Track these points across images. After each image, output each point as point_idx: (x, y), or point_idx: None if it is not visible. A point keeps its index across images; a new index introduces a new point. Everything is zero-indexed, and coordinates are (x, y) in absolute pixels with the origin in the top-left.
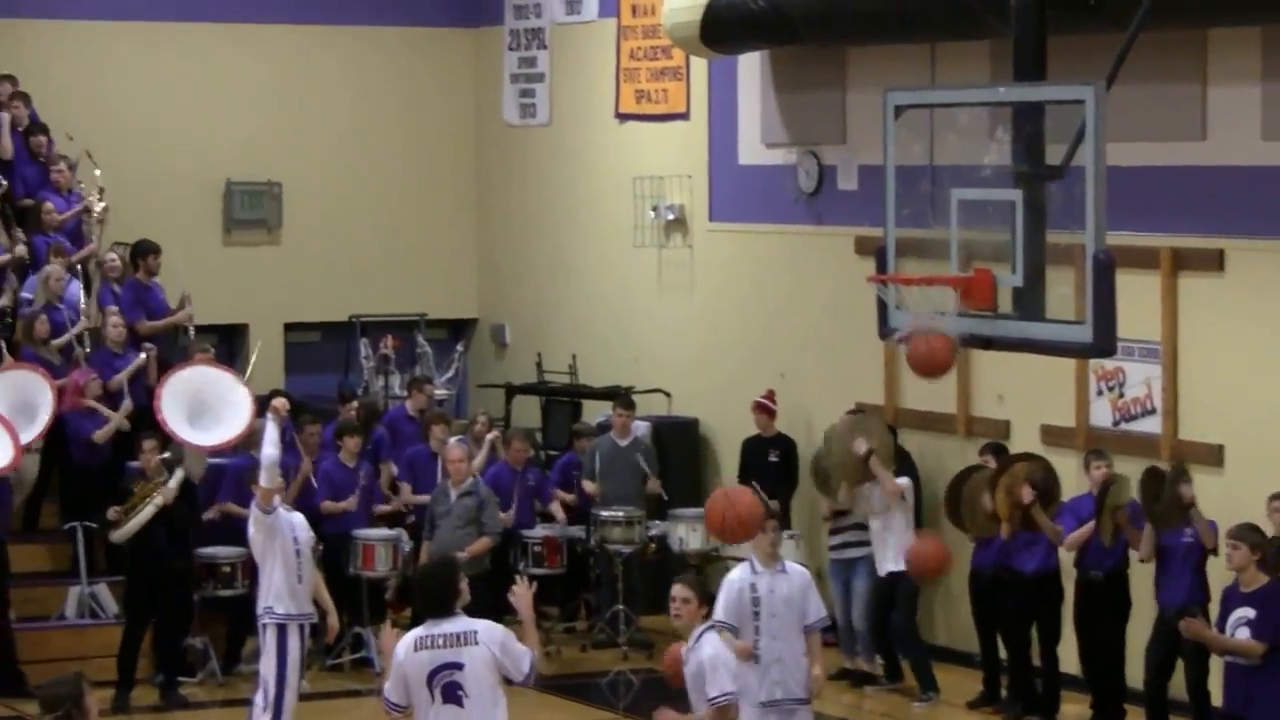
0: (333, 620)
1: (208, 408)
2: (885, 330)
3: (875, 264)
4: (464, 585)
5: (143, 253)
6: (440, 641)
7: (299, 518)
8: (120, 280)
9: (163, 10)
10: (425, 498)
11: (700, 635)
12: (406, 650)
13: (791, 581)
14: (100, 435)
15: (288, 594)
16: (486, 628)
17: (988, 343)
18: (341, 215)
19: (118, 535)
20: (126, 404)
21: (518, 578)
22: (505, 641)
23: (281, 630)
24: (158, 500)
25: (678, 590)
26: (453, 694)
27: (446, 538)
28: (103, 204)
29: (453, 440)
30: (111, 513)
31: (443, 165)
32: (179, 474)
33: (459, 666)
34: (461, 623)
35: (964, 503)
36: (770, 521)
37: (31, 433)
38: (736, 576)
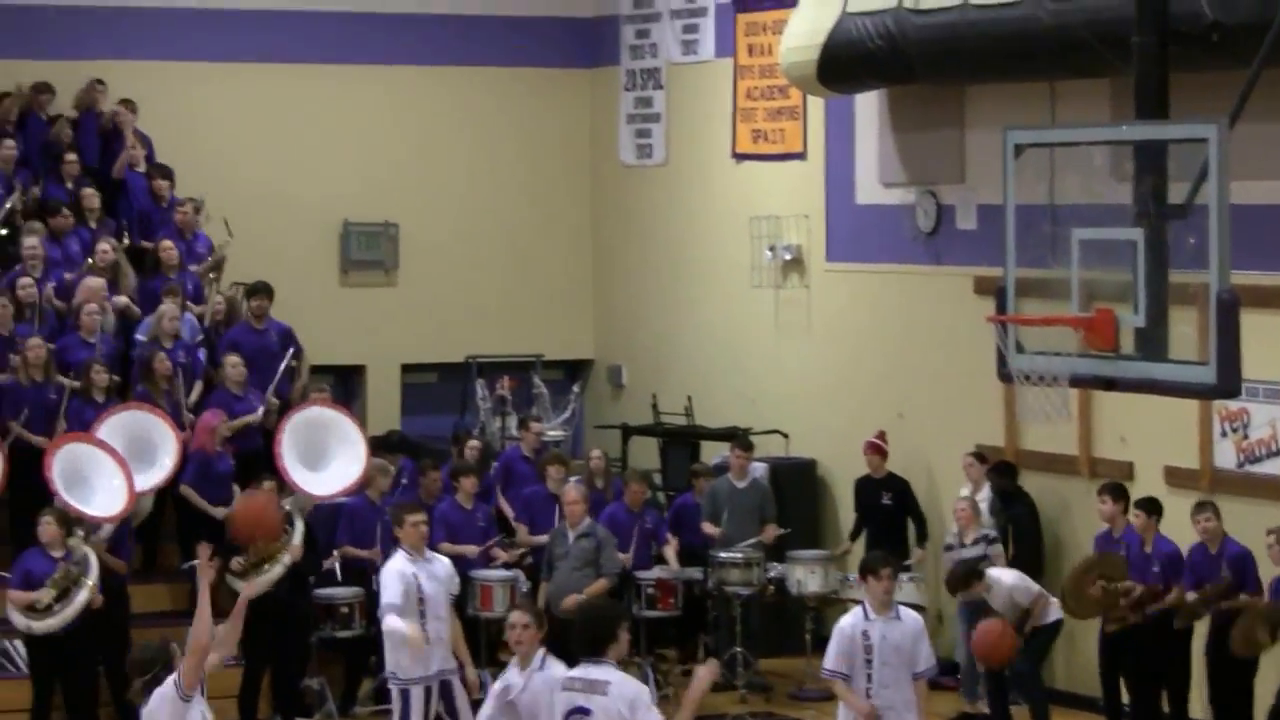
0: (470, 675)
1: (324, 450)
2: (1005, 371)
3: (995, 304)
4: (624, 635)
5: (249, 294)
6: (579, 685)
7: (439, 566)
8: (226, 323)
9: (280, 52)
10: (543, 539)
11: (542, 661)
12: (554, 687)
13: (904, 628)
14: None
15: (408, 654)
16: (621, 681)
17: (1110, 384)
18: (458, 256)
19: (248, 592)
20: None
21: (709, 660)
22: (636, 703)
23: (404, 695)
24: (286, 560)
25: (516, 617)
26: None
27: (564, 579)
28: (221, 249)
29: (570, 482)
30: (235, 564)
31: (559, 206)
32: (300, 526)
33: (587, 712)
34: (603, 670)
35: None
36: (885, 569)
37: (155, 476)
38: (849, 623)
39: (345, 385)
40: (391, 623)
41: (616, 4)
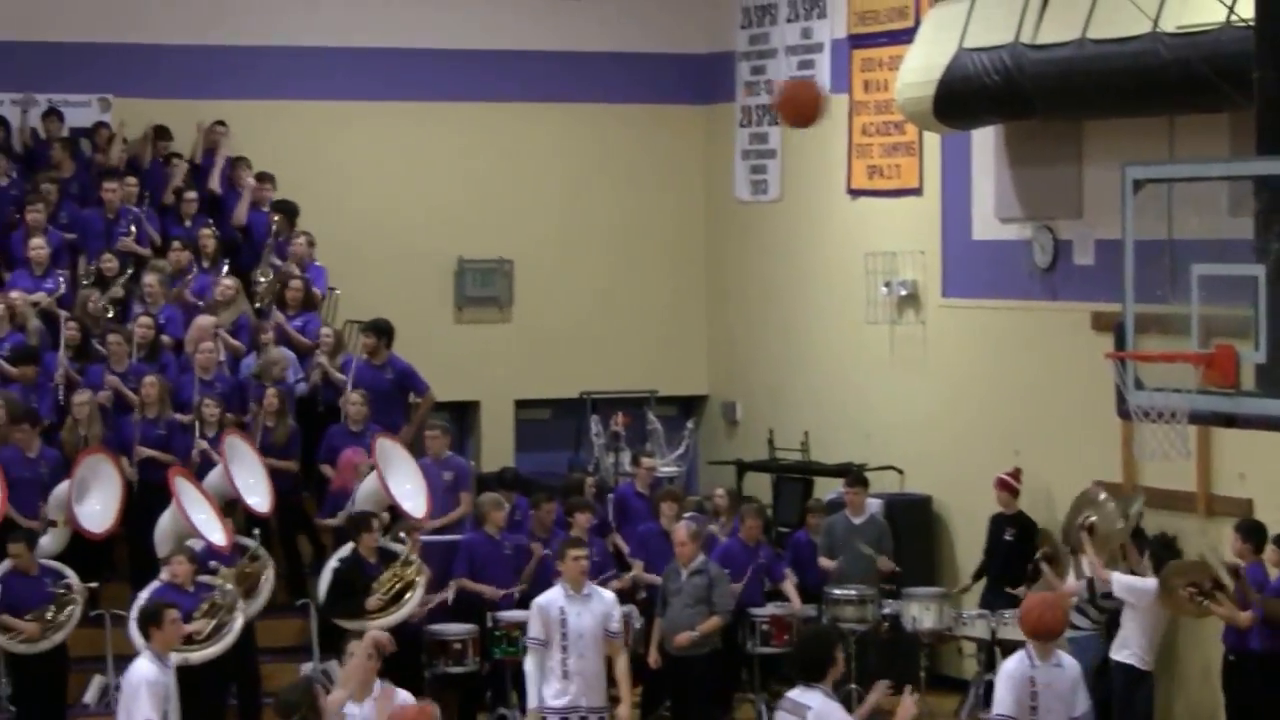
0: (623, 711)
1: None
2: (1124, 408)
3: (1114, 340)
4: (840, 657)
5: (366, 332)
6: (789, 705)
7: (597, 602)
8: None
9: (396, 91)
10: (655, 577)
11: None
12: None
13: (1065, 675)
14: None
15: (552, 686)
16: (820, 708)
17: (1230, 420)
18: (572, 292)
19: (387, 620)
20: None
21: (907, 689)
22: None
23: None
24: (422, 581)
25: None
26: None
27: (677, 616)
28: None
29: (681, 522)
30: (374, 601)
31: (674, 242)
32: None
33: None
34: (811, 696)
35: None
36: None
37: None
38: (1016, 669)
39: (459, 421)
40: (526, 664)
41: (732, 40)
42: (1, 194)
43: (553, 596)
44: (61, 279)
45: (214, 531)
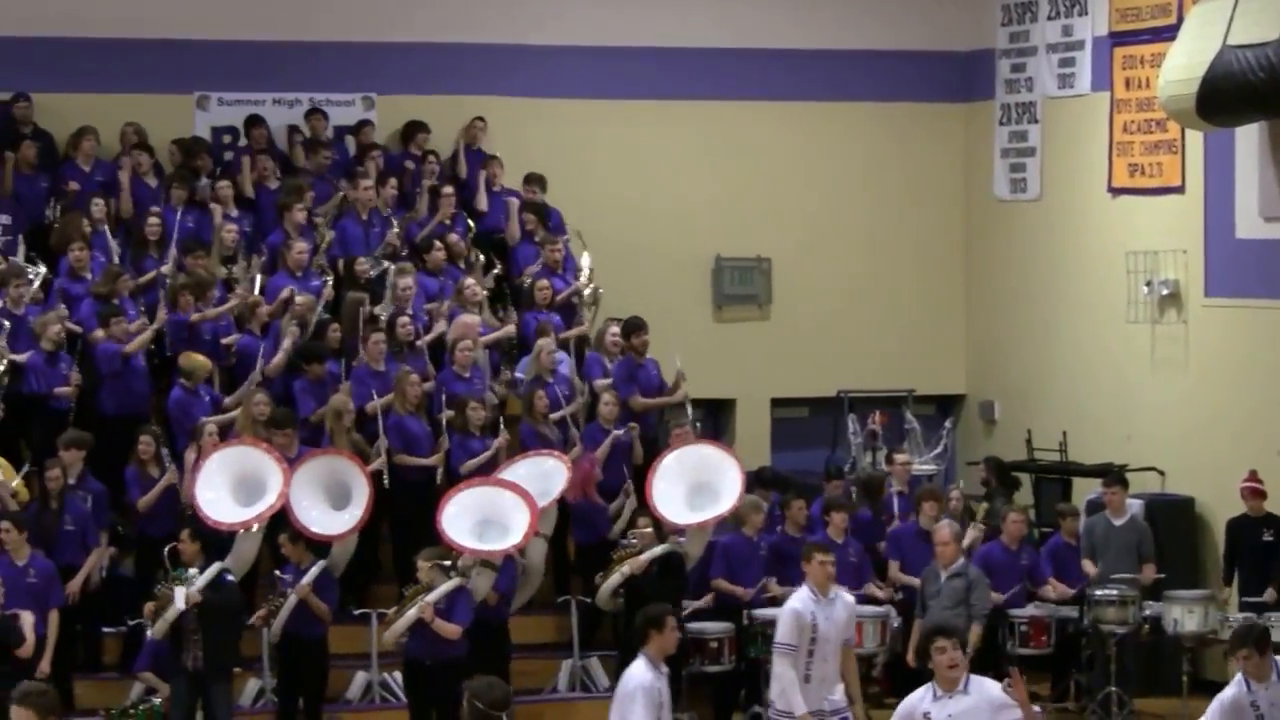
0: (859, 713)
1: (704, 486)
2: None
3: None
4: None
5: (632, 329)
6: None
7: (840, 606)
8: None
9: (655, 89)
10: (909, 578)
11: None
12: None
13: None
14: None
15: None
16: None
17: None
18: (830, 290)
19: (600, 596)
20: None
21: (1012, 670)
22: None
23: None
24: (625, 570)
25: None
26: None
27: (936, 619)
28: (591, 285)
29: (943, 521)
30: (598, 579)
31: (931, 240)
32: (657, 550)
33: None
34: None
35: None
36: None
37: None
38: (1232, 695)
39: (716, 419)
40: (778, 668)
41: (992, 38)
42: (266, 195)
43: (801, 602)
44: (325, 279)
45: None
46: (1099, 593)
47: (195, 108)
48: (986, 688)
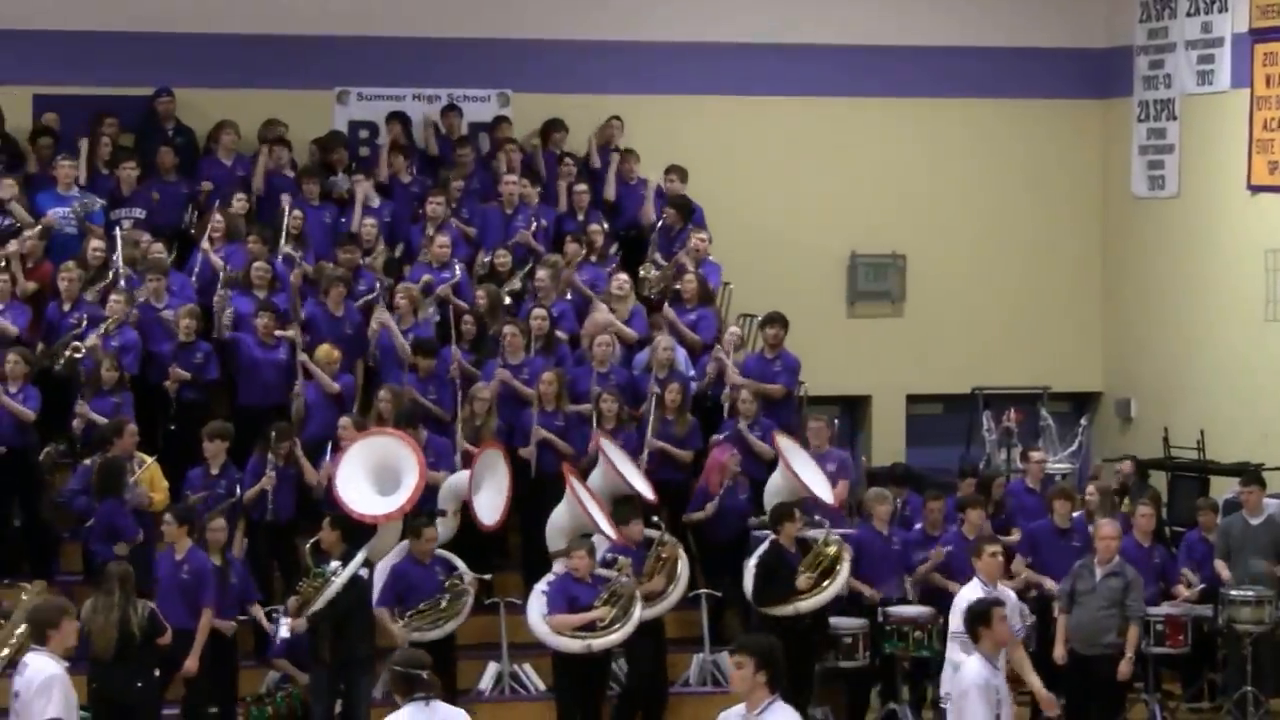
0: (1041, 690)
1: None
2: None
3: None
4: None
5: (765, 324)
6: None
7: (1007, 597)
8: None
9: (790, 86)
10: (1044, 579)
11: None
12: None
13: None
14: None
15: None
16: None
17: None
18: (964, 287)
19: (817, 598)
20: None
21: None
22: None
23: None
24: (846, 559)
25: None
26: None
27: (1090, 619)
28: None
29: (1106, 519)
30: (803, 581)
31: (1067, 237)
32: (837, 533)
33: None
34: None
35: None
36: None
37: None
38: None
39: (850, 415)
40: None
41: (1130, 35)
42: (403, 190)
43: (973, 592)
44: (459, 269)
45: (608, 526)
46: (1234, 593)
47: (335, 103)
48: None
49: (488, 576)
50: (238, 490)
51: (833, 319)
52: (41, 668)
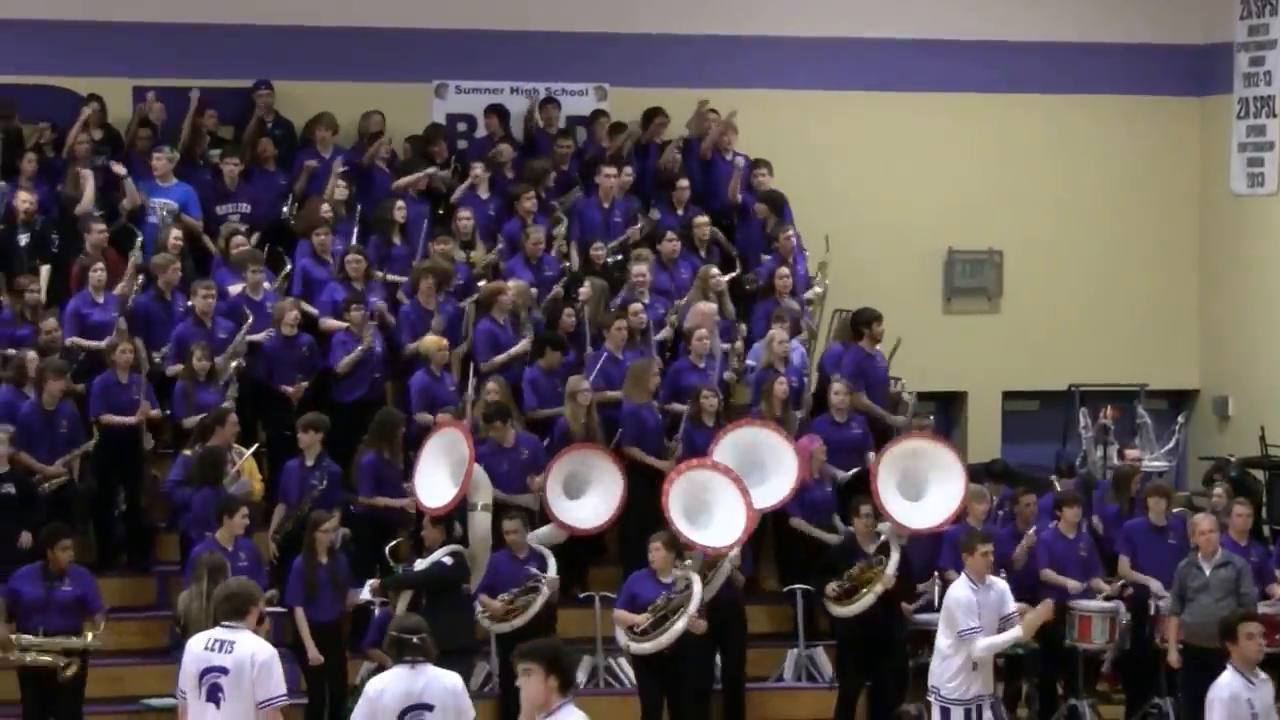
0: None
1: (923, 481)
2: None
3: None
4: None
5: (865, 321)
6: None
7: (995, 594)
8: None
9: (886, 81)
10: (1143, 578)
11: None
12: None
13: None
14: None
15: (959, 678)
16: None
17: None
18: (1061, 284)
19: (839, 612)
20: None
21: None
22: None
23: (945, 713)
24: (878, 589)
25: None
26: None
27: (1208, 612)
28: (820, 288)
29: (1203, 513)
30: (831, 589)
31: (1165, 234)
32: (896, 557)
33: None
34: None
35: None
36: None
37: (769, 498)
38: (1227, 684)
39: (946, 412)
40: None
41: (1230, 31)
42: (502, 182)
43: (962, 590)
44: (561, 267)
45: (725, 529)
46: None
47: (433, 96)
48: None
49: (553, 577)
50: (324, 482)
51: (929, 315)
52: (257, 646)
